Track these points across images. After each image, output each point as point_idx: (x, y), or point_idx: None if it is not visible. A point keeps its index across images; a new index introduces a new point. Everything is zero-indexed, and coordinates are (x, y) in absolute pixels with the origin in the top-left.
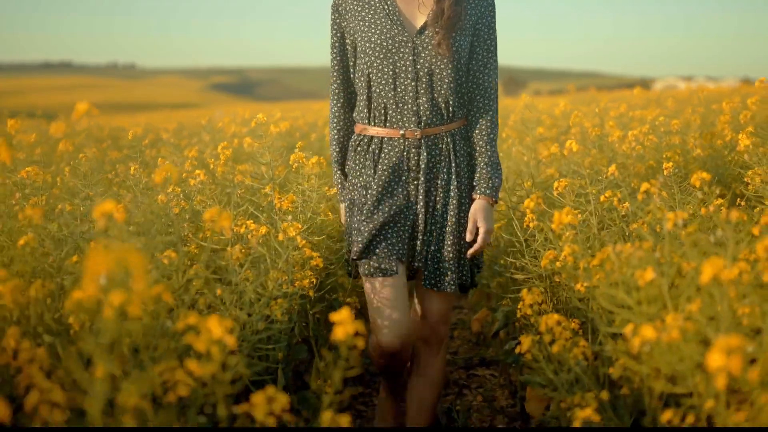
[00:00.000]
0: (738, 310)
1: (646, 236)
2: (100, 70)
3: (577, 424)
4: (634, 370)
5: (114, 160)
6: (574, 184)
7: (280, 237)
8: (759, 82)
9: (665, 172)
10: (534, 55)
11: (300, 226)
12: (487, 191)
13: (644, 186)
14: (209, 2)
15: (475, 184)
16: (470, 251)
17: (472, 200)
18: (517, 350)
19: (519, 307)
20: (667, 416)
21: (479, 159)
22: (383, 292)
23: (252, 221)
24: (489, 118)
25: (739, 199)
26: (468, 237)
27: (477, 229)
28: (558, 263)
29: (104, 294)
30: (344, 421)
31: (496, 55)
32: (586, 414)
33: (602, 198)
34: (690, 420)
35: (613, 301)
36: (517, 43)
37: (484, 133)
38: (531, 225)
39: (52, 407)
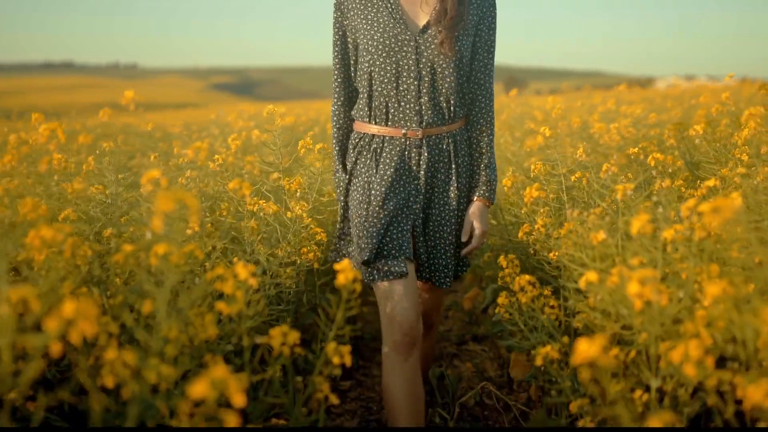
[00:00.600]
0: (675, 266)
1: (599, 204)
2: (101, 70)
3: (539, 360)
4: (593, 321)
5: (131, 152)
6: (549, 167)
7: (289, 214)
8: (728, 78)
9: (632, 157)
10: (535, 54)
11: (306, 205)
12: (486, 194)
13: (605, 166)
14: (210, 2)
15: (474, 185)
16: (465, 251)
17: (470, 200)
18: (496, 310)
19: (500, 275)
20: (614, 352)
21: (479, 160)
22: (396, 291)
23: (263, 200)
24: (489, 119)
25: (699, 181)
26: (464, 237)
27: (472, 230)
28: (532, 236)
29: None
30: (345, 350)
31: (494, 55)
32: (546, 350)
33: (573, 178)
34: (632, 354)
35: (572, 260)
36: (517, 43)
37: (485, 134)
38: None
39: (109, 337)
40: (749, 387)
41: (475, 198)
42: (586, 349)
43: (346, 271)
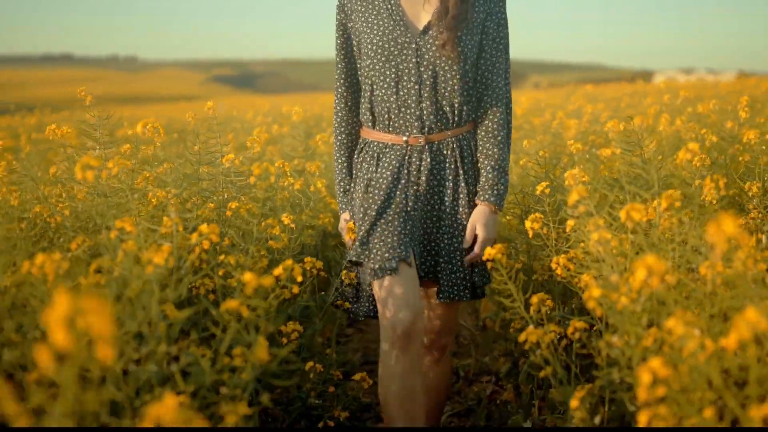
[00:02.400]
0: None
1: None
2: (101, 63)
3: (486, 256)
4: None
5: (166, 143)
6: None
7: (312, 188)
8: (662, 83)
9: (573, 150)
10: (537, 48)
11: (324, 182)
12: (491, 198)
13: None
14: None
15: (478, 189)
16: (467, 259)
17: (473, 205)
18: None
19: None
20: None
21: (485, 162)
22: (390, 285)
23: (292, 178)
24: (497, 119)
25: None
26: (465, 245)
27: (475, 236)
28: None
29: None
30: (353, 275)
31: (506, 54)
32: (493, 252)
33: (520, 163)
34: (545, 276)
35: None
36: (517, 36)
37: (491, 135)
38: None
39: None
40: (584, 275)
41: (479, 202)
42: (489, 251)
43: (351, 221)
